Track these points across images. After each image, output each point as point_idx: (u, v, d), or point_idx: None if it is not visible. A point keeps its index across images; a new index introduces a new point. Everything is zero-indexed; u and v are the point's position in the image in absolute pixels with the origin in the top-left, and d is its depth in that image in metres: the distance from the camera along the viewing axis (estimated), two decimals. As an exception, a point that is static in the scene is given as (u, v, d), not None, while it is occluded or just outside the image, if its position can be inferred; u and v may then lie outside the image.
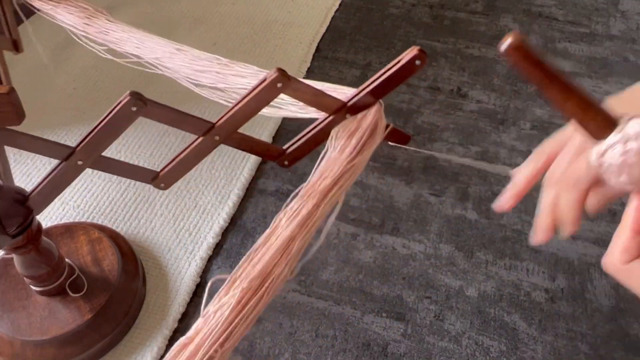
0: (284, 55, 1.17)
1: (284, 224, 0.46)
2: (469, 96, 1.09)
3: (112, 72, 1.10)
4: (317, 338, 0.74)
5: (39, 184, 0.52)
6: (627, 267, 0.35)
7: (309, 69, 1.14)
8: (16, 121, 0.45)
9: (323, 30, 1.24)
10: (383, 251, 0.83)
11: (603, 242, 0.84)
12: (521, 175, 0.47)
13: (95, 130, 0.48)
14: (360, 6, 1.32)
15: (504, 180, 0.93)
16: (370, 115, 0.51)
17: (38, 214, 0.58)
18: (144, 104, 0.46)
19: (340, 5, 1.31)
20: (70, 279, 0.71)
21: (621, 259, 0.34)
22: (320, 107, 0.51)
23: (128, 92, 0.45)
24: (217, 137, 0.52)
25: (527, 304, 0.77)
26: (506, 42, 0.31)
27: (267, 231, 0.46)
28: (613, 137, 0.33)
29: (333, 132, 0.52)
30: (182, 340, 0.42)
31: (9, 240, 0.57)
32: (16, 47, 0.66)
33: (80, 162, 0.50)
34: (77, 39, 0.66)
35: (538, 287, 0.79)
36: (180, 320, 0.75)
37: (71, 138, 0.97)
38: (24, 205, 0.55)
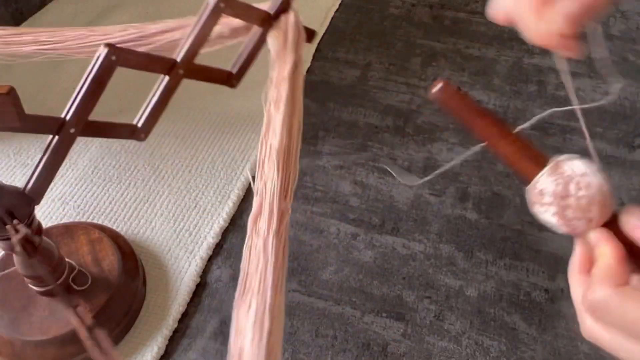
0: (284, 55, 1.17)
1: (274, 111, 0.55)
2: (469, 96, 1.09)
3: (116, 73, 1.10)
4: (317, 338, 0.74)
5: (35, 170, 0.53)
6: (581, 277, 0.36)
7: (309, 69, 1.14)
8: (17, 121, 0.45)
9: (323, 30, 1.24)
10: (383, 251, 0.83)
11: (603, 242, 0.84)
12: None
13: (82, 90, 0.50)
14: (360, 6, 1.32)
15: (504, 180, 0.93)
16: (290, 15, 0.63)
17: (38, 203, 0.58)
18: (120, 50, 0.51)
19: (340, 5, 1.31)
20: (73, 273, 0.71)
21: (579, 268, 0.36)
22: (251, 20, 0.61)
23: (102, 44, 0.50)
24: (180, 71, 0.58)
25: (527, 304, 0.77)
26: (436, 87, 0.32)
27: (263, 127, 0.54)
28: (542, 179, 0.34)
29: (269, 38, 0.62)
30: (252, 213, 0.49)
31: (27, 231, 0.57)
32: None
33: (72, 130, 0.52)
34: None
35: (538, 287, 0.79)
36: (180, 320, 0.75)
37: (71, 138, 0.97)
38: (25, 196, 0.55)
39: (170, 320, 0.75)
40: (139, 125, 0.58)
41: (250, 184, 0.93)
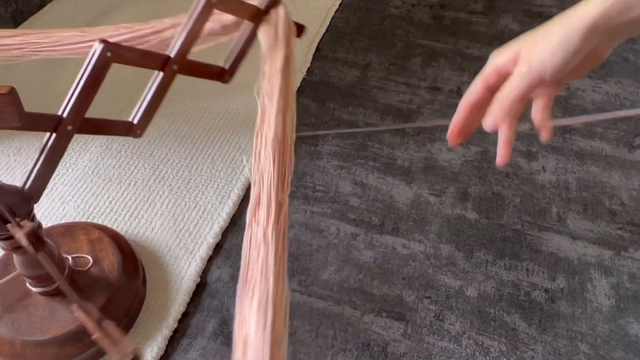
0: (284, 55, 1.17)
1: (268, 102, 0.55)
2: (469, 96, 1.09)
3: (111, 72, 1.10)
4: (317, 338, 0.74)
5: (33, 168, 0.53)
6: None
7: (309, 69, 1.14)
8: (17, 121, 0.45)
9: (323, 30, 1.24)
10: (383, 251, 0.83)
11: (603, 242, 0.84)
12: (461, 103, 0.51)
13: (78, 87, 0.51)
14: (360, 6, 1.32)
15: (504, 180, 0.93)
16: (280, 9, 0.64)
17: (37, 201, 0.58)
18: (115, 47, 0.52)
19: (340, 5, 1.31)
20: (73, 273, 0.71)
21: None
22: (242, 15, 0.62)
23: (97, 40, 0.51)
24: (175, 67, 0.58)
25: (527, 304, 0.77)
26: None
27: (258, 120, 0.54)
28: None
29: (259, 32, 0.64)
30: (250, 205, 0.49)
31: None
32: None
33: (70, 127, 0.52)
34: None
35: (538, 287, 0.79)
36: (180, 320, 0.75)
37: (71, 138, 0.97)
38: (24, 194, 0.55)
39: (170, 320, 0.75)
40: (135, 121, 0.58)
41: (249, 183, 0.93)
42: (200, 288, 0.79)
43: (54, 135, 0.51)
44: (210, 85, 0.65)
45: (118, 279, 0.73)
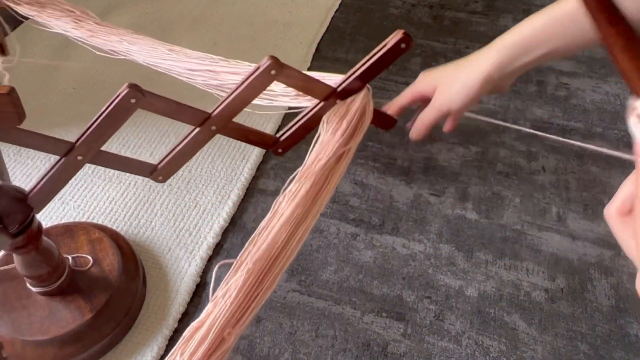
0: (284, 56, 1.16)
1: (284, 206, 0.47)
2: (469, 96, 1.09)
3: (112, 72, 1.10)
4: (317, 338, 0.74)
5: (39, 182, 0.52)
6: (622, 219, 0.36)
7: (309, 69, 1.14)
8: (17, 121, 0.45)
9: (323, 30, 1.24)
10: (383, 251, 0.83)
11: (603, 242, 0.84)
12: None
13: (95, 124, 0.48)
14: (360, 6, 1.32)
15: (504, 180, 0.93)
16: (358, 99, 0.54)
17: (38, 212, 0.58)
18: (142, 95, 0.47)
19: (340, 5, 1.31)
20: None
21: (620, 210, 0.36)
22: (311, 93, 0.53)
23: (126, 84, 0.46)
24: (213, 127, 0.52)
25: (527, 304, 0.77)
26: None
27: (269, 215, 0.47)
28: None
29: (324, 117, 0.53)
30: (193, 324, 0.43)
31: (9, 241, 0.57)
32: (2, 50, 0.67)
33: (80, 157, 0.50)
34: (75, 40, 0.66)
35: (538, 287, 0.79)
36: (180, 320, 0.75)
37: (71, 138, 0.96)
38: (24, 204, 0.55)
39: (170, 320, 0.75)
40: (159, 166, 0.55)
41: (250, 184, 0.93)
42: (200, 288, 0.79)
43: (63, 159, 0.51)
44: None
45: (118, 279, 0.73)
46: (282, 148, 0.58)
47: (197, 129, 0.53)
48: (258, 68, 0.48)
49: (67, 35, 0.64)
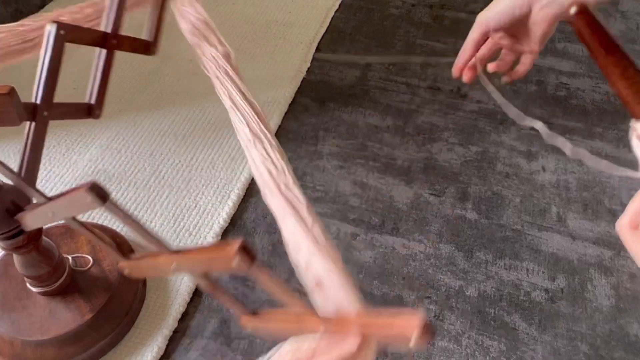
0: (284, 55, 1.17)
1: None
2: (468, 96, 1.09)
3: (112, 72, 1.10)
4: (317, 338, 0.74)
5: (22, 156, 0.55)
6: (633, 232, 0.37)
7: (309, 69, 1.15)
8: (17, 121, 0.45)
9: (323, 30, 1.24)
10: (383, 251, 0.83)
11: (603, 242, 0.84)
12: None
13: (43, 72, 0.53)
14: (360, 6, 1.32)
15: (504, 180, 0.93)
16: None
17: (34, 183, 0.58)
18: (66, 25, 0.55)
19: (340, 5, 1.31)
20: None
21: (630, 223, 0.37)
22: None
23: (50, 23, 0.53)
24: (114, 41, 0.61)
25: (527, 304, 0.77)
26: (572, 9, 0.32)
27: None
28: None
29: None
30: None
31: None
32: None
33: (45, 113, 0.54)
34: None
35: (538, 287, 0.79)
36: (180, 320, 0.75)
37: (71, 138, 0.97)
38: (21, 183, 0.56)
39: (170, 320, 0.75)
40: (93, 102, 0.60)
41: (250, 184, 0.93)
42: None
43: (33, 123, 0.52)
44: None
45: (118, 279, 0.73)
46: (154, 46, 0.69)
47: (104, 51, 0.60)
48: None
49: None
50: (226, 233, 0.86)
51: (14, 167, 0.96)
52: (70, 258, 0.74)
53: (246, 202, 0.90)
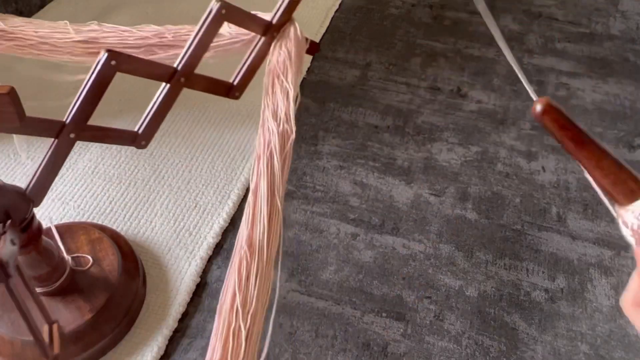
0: (284, 55, 1.17)
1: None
2: (469, 96, 1.09)
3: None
4: (317, 338, 0.74)
5: (36, 171, 0.53)
6: (637, 309, 0.38)
7: (309, 69, 1.15)
8: (17, 121, 0.45)
9: (323, 30, 1.24)
10: (383, 251, 0.83)
11: (603, 242, 0.84)
12: None
13: (82, 95, 0.51)
14: (360, 6, 1.32)
15: (504, 180, 0.93)
16: (291, 27, 0.63)
17: (38, 204, 0.58)
18: (119, 55, 0.52)
19: (340, 5, 1.31)
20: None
21: (634, 301, 0.38)
22: (254, 29, 0.61)
23: (103, 50, 0.51)
24: (182, 79, 0.58)
25: (527, 304, 0.77)
26: (538, 107, 0.33)
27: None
28: (629, 214, 0.34)
29: (272, 48, 0.63)
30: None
31: (20, 236, 0.58)
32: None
33: (72, 135, 0.53)
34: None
35: (538, 287, 0.79)
36: (180, 320, 0.75)
37: (71, 138, 0.96)
38: (24, 196, 0.55)
39: (170, 320, 0.75)
40: (140, 132, 0.58)
41: (249, 183, 0.93)
42: (200, 288, 0.79)
43: (56, 141, 0.51)
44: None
45: (118, 279, 0.73)
46: (239, 91, 0.65)
47: (167, 86, 0.57)
48: (210, 12, 0.56)
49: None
50: (226, 233, 0.86)
51: (13, 168, 0.96)
52: (70, 258, 0.74)
53: (246, 202, 0.90)
